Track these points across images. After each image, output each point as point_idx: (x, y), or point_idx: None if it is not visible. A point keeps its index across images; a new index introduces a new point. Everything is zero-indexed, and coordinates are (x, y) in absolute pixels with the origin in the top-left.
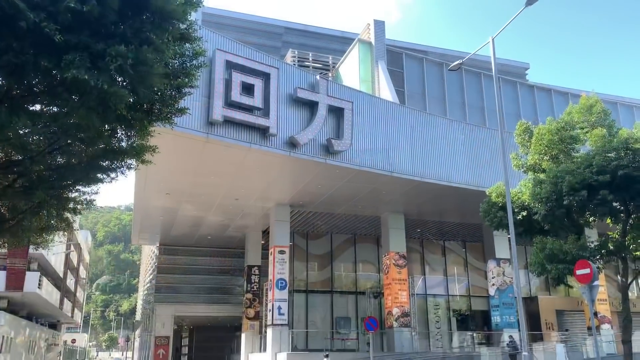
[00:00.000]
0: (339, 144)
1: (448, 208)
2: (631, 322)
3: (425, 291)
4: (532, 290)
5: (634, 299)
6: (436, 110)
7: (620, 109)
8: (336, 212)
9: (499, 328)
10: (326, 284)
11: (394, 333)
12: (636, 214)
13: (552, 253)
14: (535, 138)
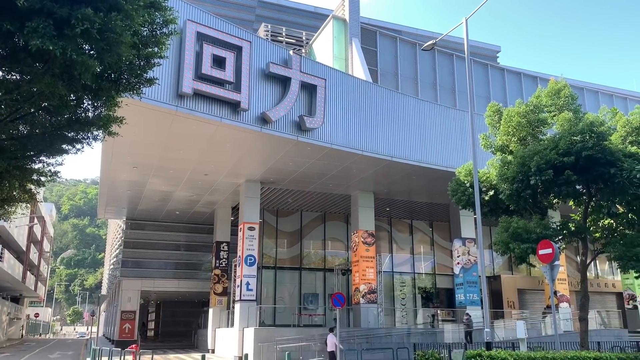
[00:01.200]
0: (311, 121)
1: (417, 188)
2: (588, 300)
3: (392, 269)
4: (496, 269)
5: (592, 279)
6: (408, 90)
7: (587, 94)
8: (307, 189)
9: (463, 305)
10: (295, 261)
11: (361, 309)
12: (597, 196)
13: (517, 233)
14: (504, 120)
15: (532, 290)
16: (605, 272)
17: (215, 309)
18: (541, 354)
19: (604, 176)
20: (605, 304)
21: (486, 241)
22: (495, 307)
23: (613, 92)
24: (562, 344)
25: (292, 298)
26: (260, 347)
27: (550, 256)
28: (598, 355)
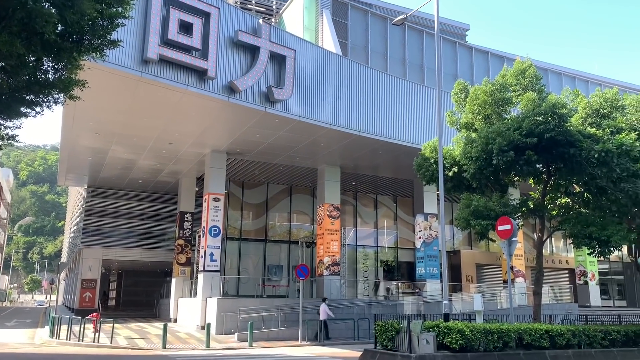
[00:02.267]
0: (279, 92)
1: (383, 163)
2: (542, 276)
3: (356, 242)
4: (456, 244)
5: (547, 256)
6: (377, 65)
7: (551, 75)
8: (274, 162)
9: (422, 278)
10: (260, 233)
11: (324, 281)
12: (556, 175)
13: (478, 209)
14: (470, 98)
15: (490, 265)
16: (560, 249)
17: (178, 279)
18: (496, 326)
19: (564, 156)
20: (558, 280)
21: (448, 217)
22: (454, 280)
23: (576, 74)
24: (516, 317)
25: (256, 269)
26: (223, 316)
27: (509, 232)
28: (549, 328)
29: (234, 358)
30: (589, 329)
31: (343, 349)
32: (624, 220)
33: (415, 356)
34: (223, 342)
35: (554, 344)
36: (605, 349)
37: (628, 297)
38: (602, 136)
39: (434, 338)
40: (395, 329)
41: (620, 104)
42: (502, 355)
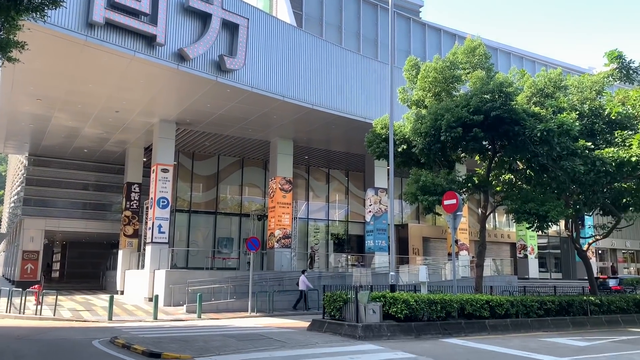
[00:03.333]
0: (231, 62)
1: (336, 137)
2: (485, 249)
3: (308, 215)
4: (404, 218)
5: (490, 230)
6: (332, 38)
7: (500, 54)
8: (225, 133)
9: (371, 251)
10: (210, 205)
11: (275, 253)
12: (501, 152)
13: (425, 185)
14: (421, 75)
15: (436, 238)
16: (503, 223)
17: (125, 250)
18: (440, 296)
19: (509, 134)
20: (500, 253)
21: (397, 191)
22: (401, 253)
23: (524, 54)
24: (459, 288)
25: (206, 242)
26: (172, 289)
27: (454, 206)
28: (490, 298)
29: (181, 329)
30: (526, 300)
31: (292, 319)
32: (562, 196)
33: (361, 325)
34: (171, 314)
35: (494, 313)
36: (541, 318)
37: (564, 270)
38: (545, 115)
39: (380, 308)
40: (343, 300)
41: (563, 85)
42: (445, 325)
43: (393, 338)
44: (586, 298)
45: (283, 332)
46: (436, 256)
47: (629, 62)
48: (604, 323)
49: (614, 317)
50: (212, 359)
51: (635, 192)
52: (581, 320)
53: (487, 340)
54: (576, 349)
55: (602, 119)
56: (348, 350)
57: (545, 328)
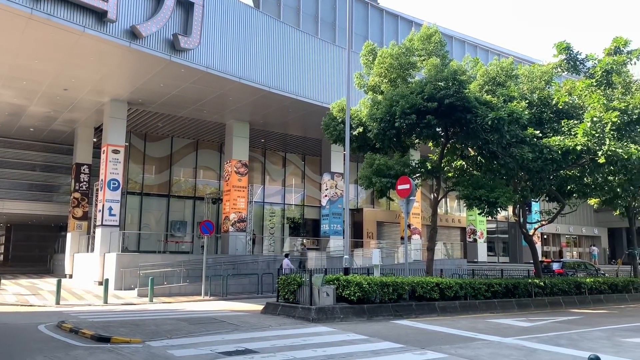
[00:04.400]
0: (186, 41)
1: (292, 121)
2: (436, 233)
3: (263, 199)
4: (359, 202)
5: (442, 214)
6: (290, 20)
7: (455, 42)
8: (179, 114)
9: (326, 235)
10: (163, 188)
11: (229, 237)
12: (454, 139)
13: (379, 168)
14: (377, 61)
15: (390, 222)
16: (454, 208)
17: (73, 233)
18: (392, 279)
19: (461, 121)
20: (450, 237)
21: (353, 176)
22: (356, 237)
23: (478, 43)
24: (411, 271)
25: (158, 225)
26: (123, 272)
27: (407, 191)
28: (439, 281)
29: (132, 313)
30: (474, 282)
31: (246, 303)
32: (511, 182)
33: (315, 308)
34: (122, 298)
35: (444, 296)
36: (488, 300)
37: (511, 254)
38: (496, 104)
39: (334, 291)
40: (297, 283)
41: (515, 74)
42: (396, 306)
43: (346, 320)
44: (531, 281)
45: (236, 315)
46: (390, 240)
47: (577, 53)
48: (547, 305)
49: (556, 298)
50: (163, 342)
51: (579, 180)
52: (526, 302)
53: (436, 322)
54: (520, 330)
55: (550, 108)
56: (301, 333)
57: (492, 310)
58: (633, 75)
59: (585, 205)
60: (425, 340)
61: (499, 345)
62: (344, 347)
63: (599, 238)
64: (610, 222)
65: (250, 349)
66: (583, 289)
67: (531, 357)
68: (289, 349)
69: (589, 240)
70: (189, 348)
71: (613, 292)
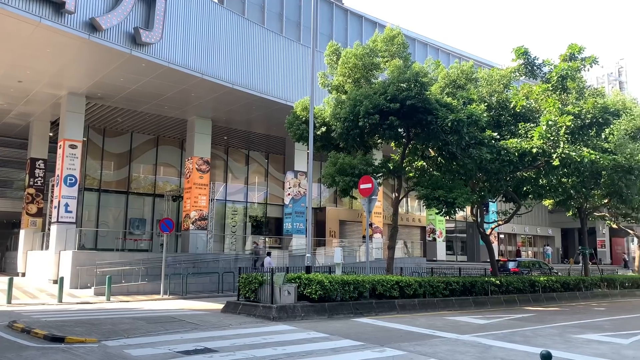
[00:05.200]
0: (147, 35)
1: (256, 118)
2: (397, 232)
3: (226, 197)
4: (322, 201)
5: (403, 214)
6: (254, 18)
7: (417, 45)
8: (139, 109)
9: (289, 233)
10: (122, 184)
11: (190, 235)
12: (415, 140)
13: (343, 168)
14: (342, 60)
15: (352, 221)
16: (415, 208)
17: (27, 230)
18: (353, 277)
19: (422, 122)
20: (411, 236)
21: (316, 175)
22: (319, 236)
23: (440, 46)
24: (372, 269)
25: (117, 222)
26: (79, 270)
27: (370, 190)
28: (399, 279)
29: (88, 312)
30: (433, 280)
31: (206, 302)
32: (469, 183)
33: (276, 306)
34: (78, 297)
35: (403, 293)
36: (446, 298)
37: (469, 253)
38: (456, 106)
39: (295, 289)
40: (258, 282)
41: (474, 77)
42: (357, 305)
43: (307, 318)
44: (487, 279)
45: (196, 314)
46: (352, 239)
47: (534, 58)
48: (502, 302)
49: (512, 296)
50: (120, 341)
51: (534, 181)
52: (483, 300)
53: (396, 319)
54: (477, 327)
55: (508, 111)
56: (261, 331)
57: (450, 307)
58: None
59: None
60: (384, 338)
61: (456, 343)
62: (304, 346)
63: (552, 238)
64: (564, 223)
65: (210, 347)
66: (537, 287)
67: (487, 353)
68: (249, 347)
69: (543, 240)
70: (147, 347)
71: (565, 290)
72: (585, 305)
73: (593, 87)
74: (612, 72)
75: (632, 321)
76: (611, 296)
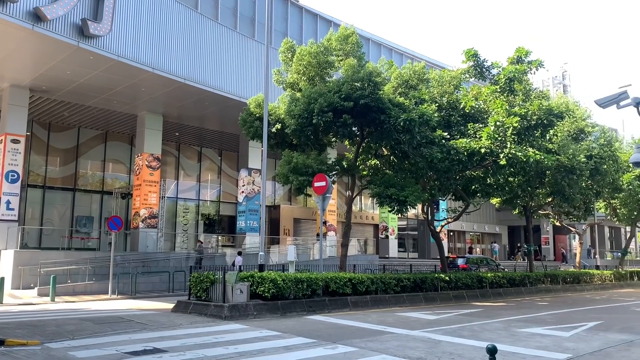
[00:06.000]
0: (96, 27)
1: (209, 115)
2: (350, 229)
3: (177, 195)
4: (276, 199)
5: (356, 212)
6: (208, 13)
7: (371, 45)
8: (87, 104)
9: (242, 232)
10: (68, 181)
11: (139, 233)
12: (368, 139)
13: (297, 166)
14: (296, 58)
15: (307, 219)
16: (368, 206)
17: None
18: (306, 275)
19: (376, 122)
20: (364, 234)
21: (270, 173)
22: (273, 234)
23: (393, 47)
24: (326, 267)
25: (63, 220)
26: (21, 270)
27: (324, 188)
28: (352, 276)
29: (31, 313)
30: (385, 277)
31: (156, 301)
32: (421, 182)
33: (228, 305)
34: (20, 298)
35: (356, 290)
36: (398, 294)
37: (420, 250)
38: (408, 106)
39: (248, 288)
40: (210, 280)
41: (426, 78)
42: (310, 302)
43: (259, 317)
44: (437, 275)
45: (145, 314)
46: (306, 236)
47: (483, 60)
48: (451, 298)
49: (460, 292)
50: (64, 343)
51: (482, 180)
52: (432, 295)
53: (348, 316)
54: (426, 322)
55: (458, 111)
56: (212, 331)
57: (401, 303)
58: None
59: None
60: (336, 335)
61: (407, 338)
62: (256, 344)
63: (499, 235)
64: (510, 221)
65: (159, 348)
66: (484, 283)
67: (436, 348)
68: (200, 347)
69: (491, 237)
70: (93, 349)
71: (511, 286)
72: (530, 300)
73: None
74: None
75: (573, 315)
76: (554, 291)
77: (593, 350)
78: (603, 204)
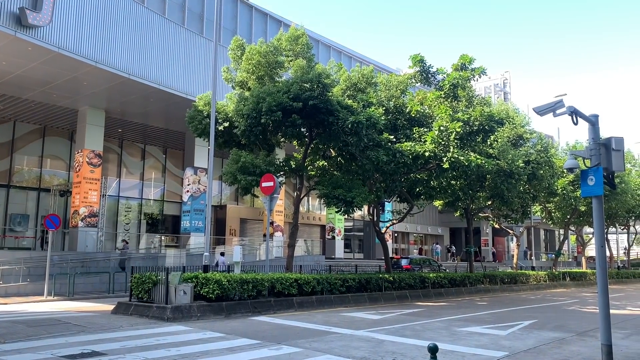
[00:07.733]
0: (35, 17)
1: (154, 111)
2: (297, 230)
3: (119, 193)
4: (223, 199)
5: (304, 212)
6: (155, 8)
7: (321, 47)
8: (24, 96)
9: (187, 232)
10: (2, 177)
11: (79, 232)
12: (317, 140)
13: (245, 166)
14: (246, 57)
15: (254, 220)
16: (315, 207)
17: None
18: (252, 276)
19: (324, 123)
20: (311, 234)
21: (217, 172)
22: (219, 234)
23: (342, 49)
24: (272, 268)
25: None
26: None
27: (271, 189)
28: (298, 277)
29: None
30: (331, 278)
31: (96, 303)
32: (367, 183)
33: (171, 307)
34: None
35: (302, 291)
36: (343, 295)
37: (365, 251)
38: (356, 108)
39: (192, 289)
40: (152, 281)
41: (374, 81)
42: (255, 303)
43: (203, 318)
44: (382, 276)
45: (84, 316)
46: (253, 237)
47: (429, 66)
48: (395, 298)
49: (404, 292)
50: None
51: (426, 183)
52: (377, 295)
53: (293, 317)
54: (371, 322)
55: (404, 115)
56: (154, 332)
57: (347, 304)
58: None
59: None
60: (281, 336)
61: (351, 338)
62: (199, 346)
63: (442, 237)
64: (452, 223)
65: (98, 351)
66: (427, 284)
67: (379, 348)
68: (141, 349)
69: (434, 239)
70: (26, 353)
71: (452, 286)
72: (469, 300)
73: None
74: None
75: (510, 314)
76: (492, 291)
77: (528, 348)
78: (539, 208)
